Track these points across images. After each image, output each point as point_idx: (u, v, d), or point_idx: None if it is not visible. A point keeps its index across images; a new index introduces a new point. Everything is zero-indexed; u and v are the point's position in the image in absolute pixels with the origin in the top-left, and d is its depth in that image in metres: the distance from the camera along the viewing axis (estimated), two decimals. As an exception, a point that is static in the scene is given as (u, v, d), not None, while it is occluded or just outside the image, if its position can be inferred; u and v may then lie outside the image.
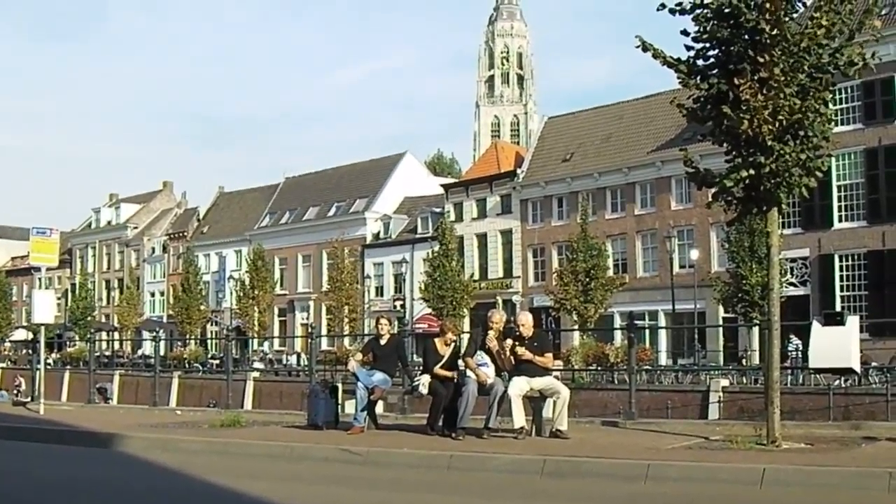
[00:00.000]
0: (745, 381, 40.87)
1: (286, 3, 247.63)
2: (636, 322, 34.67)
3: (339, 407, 18.04)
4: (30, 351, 74.63)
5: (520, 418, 14.80)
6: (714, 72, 13.78)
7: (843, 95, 51.49)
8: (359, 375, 16.47)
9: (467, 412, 15.14)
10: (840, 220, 54.17)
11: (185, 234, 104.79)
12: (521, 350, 15.17)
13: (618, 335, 48.62)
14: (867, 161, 53.04)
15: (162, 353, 51.57)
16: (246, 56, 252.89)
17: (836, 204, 53.97)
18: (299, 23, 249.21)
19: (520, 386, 14.90)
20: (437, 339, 16.50)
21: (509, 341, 15.34)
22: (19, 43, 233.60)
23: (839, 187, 53.75)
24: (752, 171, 13.29)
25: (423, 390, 15.96)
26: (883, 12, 13.55)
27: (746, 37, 13.22)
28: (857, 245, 53.42)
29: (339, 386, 18.43)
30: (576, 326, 58.78)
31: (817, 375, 34.15)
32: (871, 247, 52.84)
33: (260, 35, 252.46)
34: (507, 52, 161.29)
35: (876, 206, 52.95)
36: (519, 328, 15.57)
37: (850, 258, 53.75)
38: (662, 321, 61.86)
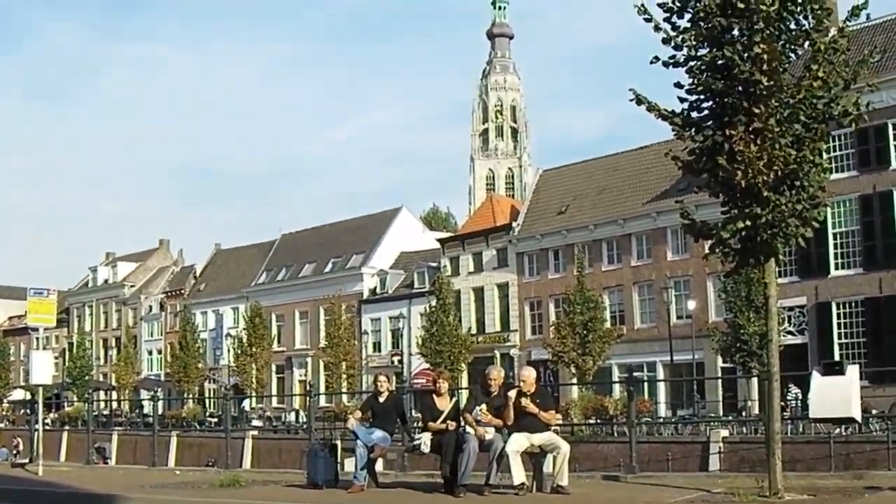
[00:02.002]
0: (745, 431, 40.72)
1: (280, 61, 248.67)
2: (635, 374, 34.66)
3: (339, 465, 17.94)
4: (28, 411, 74.34)
5: (520, 474, 14.69)
6: (709, 123, 13.79)
7: (837, 143, 51.64)
8: (358, 433, 16.38)
9: (468, 469, 15.03)
10: (836, 268, 54.18)
11: (183, 291, 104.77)
12: (526, 402, 15.10)
13: (617, 386, 48.52)
14: (862, 208, 53.12)
15: (160, 411, 51.40)
16: (241, 113, 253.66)
17: (832, 251, 54.01)
18: (294, 79, 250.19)
19: (519, 442, 14.82)
20: (434, 395, 16.45)
21: (512, 392, 15.27)
22: (15, 102, 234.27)
23: (835, 235, 53.82)
24: (748, 223, 13.29)
25: (425, 449, 15.86)
26: (874, 59, 13.66)
27: (741, 88, 13.25)
28: (854, 292, 53.37)
29: (339, 444, 18.35)
30: (574, 379, 58.65)
31: (817, 424, 34.03)
32: (868, 294, 52.81)
33: (254, 92, 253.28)
34: (501, 106, 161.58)
35: (872, 252, 52.99)
36: (521, 383, 15.50)
37: (847, 305, 53.68)
38: (661, 372, 61.79)
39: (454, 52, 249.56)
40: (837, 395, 14.50)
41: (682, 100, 13.98)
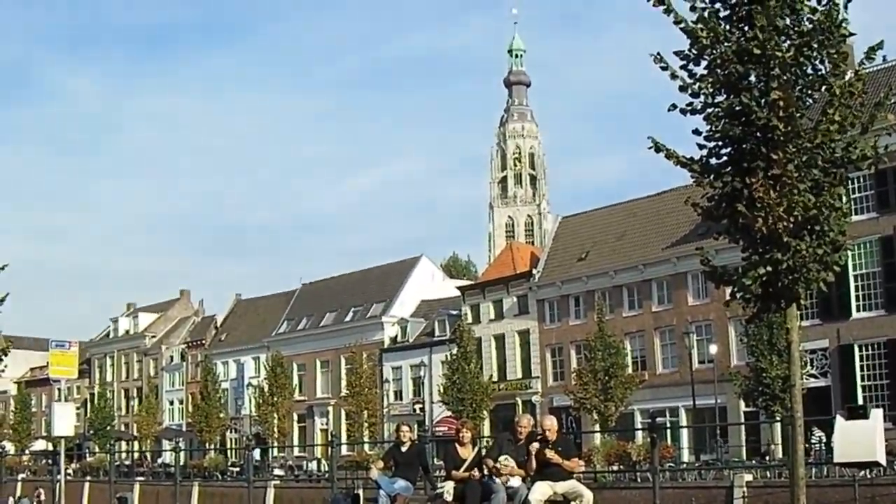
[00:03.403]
0: (769, 475, 40.49)
1: (299, 115, 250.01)
2: (657, 420, 34.48)
3: (362, 515, 17.93)
4: (49, 462, 74.40)
5: (543, 522, 14.68)
6: (727, 170, 13.80)
7: (857, 185, 51.58)
8: (381, 483, 16.37)
9: (495, 519, 15.00)
10: (858, 310, 54.02)
11: (204, 342, 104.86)
12: (550, 454, 15.06)
13: (639, 432, 48.36)
14: (883, 250, 53.01)
15: (182, 461, 51.35)
16: (260, 166, 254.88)
17: (853, 294, 53.86)
18: (312, 133, 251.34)
19: (542, 490, 14.78)
20: (456, 444, 16.43)
21: (535, 445, 15.24)
22: (36, 157, 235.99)
23: (856, 276, 53.69)
24: (769, 268, 13.26)
25: (448, 497, 15.83)
26: (891, 101, 13.70)
27: (758, 134, 13.25)
28: (877, 334, 53.16)
29: (361, 493, 18.34)
30: (596, 426, 58.45)
31: (842, 468, 33.83)
32: (890, 336, 52.58)
33: (273, 145, 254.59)
34: (520, 153, 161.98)
35: (893, 294, 52.80)
36: (544, 432, 15.48)
37: (870, 347, 53.45)
38: (683, 417, 61.58)
39: (471, 101, 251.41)
40: (862, 438, 14.45)
41: (700, 146, 14.00)
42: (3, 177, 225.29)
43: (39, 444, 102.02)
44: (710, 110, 13.69)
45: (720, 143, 13.84)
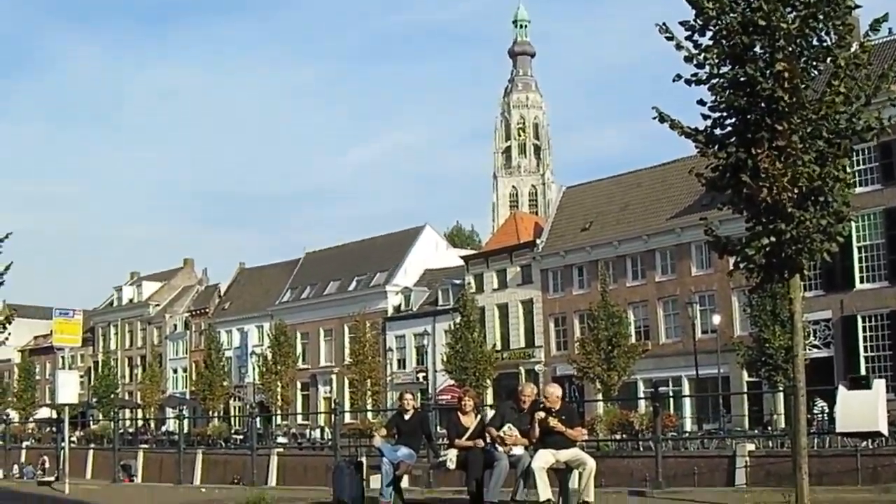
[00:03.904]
0: (771, 445, 40.51)
1: (303, 83, 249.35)
2: (660, 389, 34.54)
3: (365, 483, 17.95)
4: (54, 429, 74.59)
5: (545, 491, 14.66)
6: (732, 140, 13.80)
7: (861, 157, 51.40)
8: (384, 451, 16.37)
9: (497, 487, 14.99)
10: (862, 281, 53.99)
11: (207, 310, 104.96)
12: (553, 422, 15.07)
13: (642, 401, 48.46)
14: (887, 221, 52.92)
15: (185, 429, 51.48)
16: (264, 135, 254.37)
17: (857, 265, 53.82)
18: (316, 102, 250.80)
19: (545, 458, 14.79)
20: (459, 412, 16.44)
21: (540, 413, 15.24)
22: (40, 128, 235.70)
23: (859, 248, 53.63)
24: (772, 239, 13.27)
25: (451, 465, 15.84)
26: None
27: (763, 105, 13.25)
28: (880, 305, 53.16)
29: (364, 461, 18.36)
30: (599, 395, 58.50)
31: (844, 438, 33.87)
32: (893, 307, 52.57)
33: (277, 114, 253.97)
34: (524, 124, 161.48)
35: (897, 266, 52.82)
36: (545, 400, 15.50)
37: (873, 319, 53.46)
38: (686, 387, 61.62)
39: (476, 72, 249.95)
40: (864, 409, 14.50)
41: (705, 117, 14.00)
42: (6, 147, 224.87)
43: (43, 413, 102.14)
44: (715, 81, 13.69)
45: (725, 114, 13.85)
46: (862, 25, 13.78)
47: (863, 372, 48.23)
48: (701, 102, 13.88)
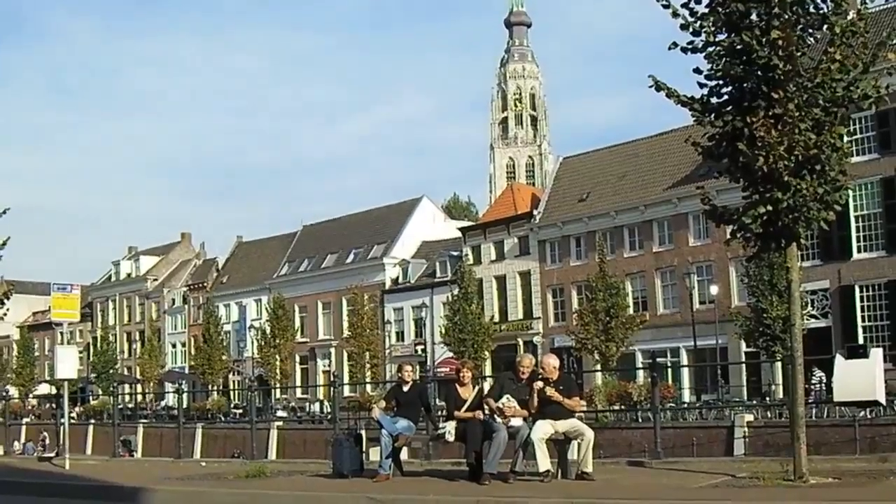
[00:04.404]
0: (769, 415, 40.64)
1: (298, 55, 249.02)
2: (658, 360, 34.57)
3: (364, 455, 17.98)
4: (53, 405, 74.75)
5: (545, 462, 14.70)
6: (728, 109, 13.76)
7: (858, 126, 51.25)
8: (383, 423, 16.39)
9: (497, 457, 15.01)
10: (859, 251, 54.00)
11: (205, 284, 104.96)
12: (550, 391, 15.08)
13: (640, 372, 48.56)
14: (884, 191, 52.90)
15: (185, 404, 51.58)
16: (260, 108, 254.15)
17: (854, 234, 53.81)
18: (313, 73, 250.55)
19: (544, 429, 14.81)
20: (457, 384, 16.45)
21: (538, 384, 15.25)
22: (36, 102, 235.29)
23: (857, 218, 53.61)
24: (769, 207, 13.24)
25: (450, 437, 15.85)
26: (894, 41, 13.48)
27: (759, 73, 13.21)
28: (878, 275, 53.20)
29: (364, 433, 18.38)
30: (598, 366, 58.57)
31: (842, 407, 33.94)
32: (891, 276, 52.64)
33: (274, 86, 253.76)
34: (520, 94, 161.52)
35: (894, 235, 52.76)
36: (542, 370, 15.51)
37: (870, 289, 53.51)
38: (684, 357, 61.76)
39: (472, 42, 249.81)
40: (861, 378, 14.50)
41: (701, 85, 13.95)
42: (3, 121, 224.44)
43: (43, 388, 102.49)
44: (710, 49, 13.64)
45: (721, 83, 13.81)
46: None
47: (860, 341, 48.24)
48: (697, 71, 13.84)
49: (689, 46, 13.73)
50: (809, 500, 11.36)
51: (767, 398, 49.33)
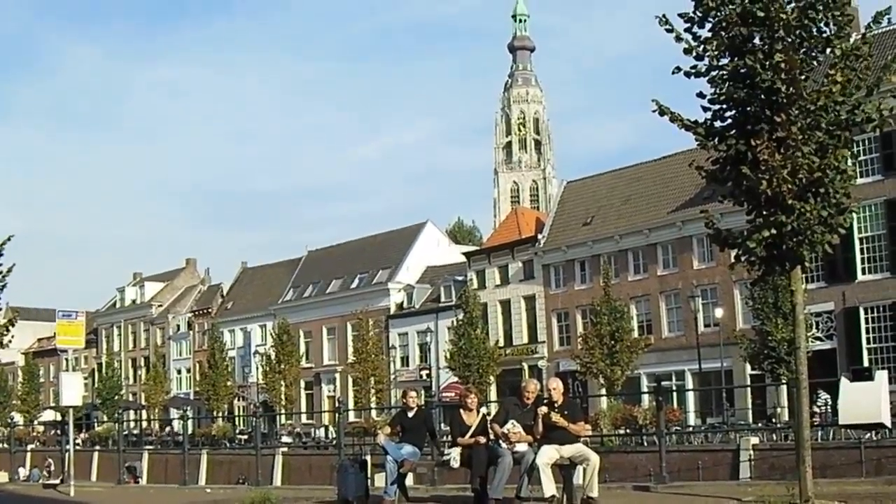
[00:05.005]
0: (775, 438, 40.53)
1: (303, 82, 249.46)
2: (664, 384, 34.51)
3: (369, 481, 17.93)
4: (58, 432, 74.64)
5: (550, 487, 14.65)
6: (732, 132, 13.77)
7: (862, 147, 51.18)
8: (388, 448, 16.35)
9: (502, 483, 14.96)
10: (864, 273, 53.91)
11: (210, 310, 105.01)
12: (555, 417, 15.05)
13: (646, 396, 48.47)
14: (888, 212, 52.81)
15: (190, 430, 51.54)
16: (266, 134, 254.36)
17: (858, 256, 53.73)
18: (316, 100, 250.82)
19: (549, 454, 14.77)
20: (461, 410, 16.42)
21: (543, 408, 15.22)
22: (42, 128, 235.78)
23: (861, 239, 53.52)
24: (773, 231, 13.24)
25: (455, 463, 15.80)
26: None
27: (763, 97, 13.23)
28: (882, 297, 53.08)
29: (369, 459, 18.34)
30: (603, 390, 58.43)
31: (847, 430, 33.83)
32: (895, 298, 52.54)
33: (279, 113, 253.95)
34: (524, 118, 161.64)
35: (899, 257, 52.73)
36: (551, 393, 15.48)
37: (875, 310, 53.39)
38: (689, 380, 61.61)
39: (476, 67, 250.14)
40: (867, 400, 14.49)
41: (704, 109, 13.98)
42: (8, 148, 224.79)
43: (48, 415, 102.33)
44: (714, 73, 13.67)
45: (725, 106, 13.83)
46: (861, 15, 13.78)
47: (865, 364, 48.21)
48: (700, 95, 13.87)
49: (693, 71, 13.76)
50: (816, 524, 11.31)
51: (773, 421, 49.18)
